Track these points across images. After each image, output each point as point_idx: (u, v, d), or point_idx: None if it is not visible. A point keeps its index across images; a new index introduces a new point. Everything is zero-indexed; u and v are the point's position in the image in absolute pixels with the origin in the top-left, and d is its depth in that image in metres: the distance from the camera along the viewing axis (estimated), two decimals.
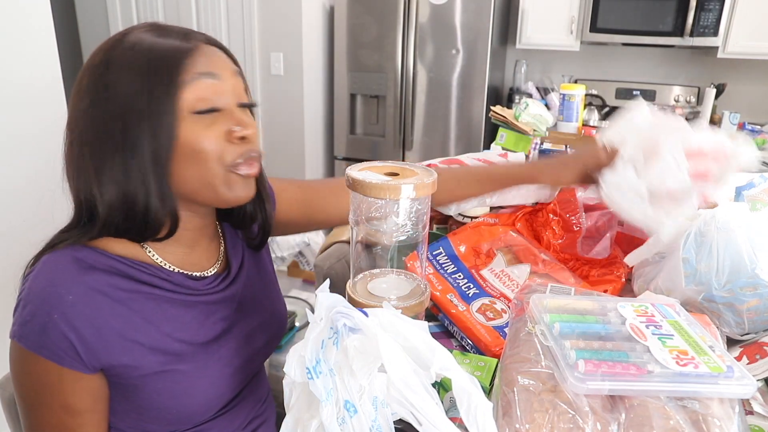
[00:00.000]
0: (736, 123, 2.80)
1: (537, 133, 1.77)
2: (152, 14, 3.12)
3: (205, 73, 0.64)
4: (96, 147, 0.63)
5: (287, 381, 0.58)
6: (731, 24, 2.76)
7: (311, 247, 2.80)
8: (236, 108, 0.67)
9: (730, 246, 0.79)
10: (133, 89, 0.61)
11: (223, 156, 0.65)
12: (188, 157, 0.64)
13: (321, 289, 0.60)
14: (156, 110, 0.61)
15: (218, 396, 0.74)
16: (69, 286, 0.62)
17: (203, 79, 0.64)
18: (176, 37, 0.65)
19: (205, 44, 0.67)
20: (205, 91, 0.64)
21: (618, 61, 3.35)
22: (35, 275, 0.64)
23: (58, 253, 0.65)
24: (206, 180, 0.66)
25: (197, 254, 0.76)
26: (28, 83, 1.61)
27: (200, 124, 0.64)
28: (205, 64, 0.64)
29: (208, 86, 0.64)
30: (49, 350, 0.61)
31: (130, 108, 0.62)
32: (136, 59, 0.62)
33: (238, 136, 0.65)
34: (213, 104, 0.64)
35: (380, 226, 0.72)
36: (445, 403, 0.67)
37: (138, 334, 0.66)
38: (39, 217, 0.69)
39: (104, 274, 0.65)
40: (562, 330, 0.62)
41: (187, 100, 0.63)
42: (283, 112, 3.09)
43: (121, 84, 0.62)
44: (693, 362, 0.57)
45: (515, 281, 0.97)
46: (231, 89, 0.67)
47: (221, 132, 0.65)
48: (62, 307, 0.61)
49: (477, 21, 2.82)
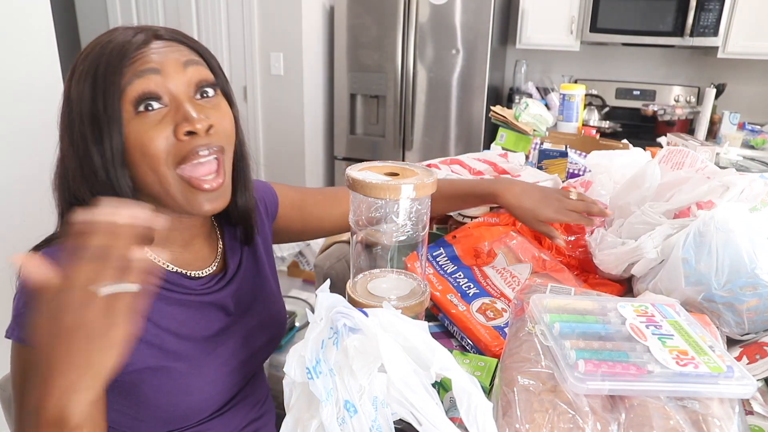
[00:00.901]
0: (736, 123, 2.80)
1: (537, 133, 1.77)
2: (152, 14, 3.12)
3: (144, 70, 0.62)
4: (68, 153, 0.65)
5: (287, 381, 0.58)
6: (731, 24, 2.76)
7: (311, 247, 2.80)
8: (187, 102, 0.64)
9: (730, 246, 0.79)
10: (86, 96, 0.62)
11: (170, 156, 0.63)
12: (140, 160, 0.63)
13: (321, 289, 0.60)
14: (102, 114, 0.61)
15: (216, 395, 0.73)
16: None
17: (144, 76, 0.62)
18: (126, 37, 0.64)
19: (155, 40, 0.65)
20: (145, 88, 0.62)
21: (618, 61, 3.35)
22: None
23: (54, 248, 0.66)
24: (163, 187, 0.65)
25: (191, 254, 0.76)
26: (28, 83, 1.61)
27: (146, 123, 0.63)
28: (146, 61, 0.63)
29: (149, 82, 0.62)
30: None
31: (81, 115, 0.62)
32: (88, 66, 0.63)
33: (186, 130, 0.63)
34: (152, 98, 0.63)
35: (380, 226, 0.72)
36: (445, 403, 0.67)
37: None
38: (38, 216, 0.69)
39: None
40: (562, 330, 0.62)
41: (129, 100, 0.62)
42: (283, 112, 3.09)
43: (77, 92, 0.63)
44: (693, 362, 0.57)
45: (517, 278, 0.97)
46: (180, 81, 0.64)
47: (169, 129, 0.63)
48: None
49: (477, 21, 2.82)
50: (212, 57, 0.71)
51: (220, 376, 0.73)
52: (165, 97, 0.63)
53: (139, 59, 0.63)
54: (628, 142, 1.71)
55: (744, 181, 0.90)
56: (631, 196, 1.01)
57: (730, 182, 0.89)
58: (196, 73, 0.66)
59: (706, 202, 0.91)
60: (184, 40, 0.68)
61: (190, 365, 0.70)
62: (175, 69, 0.64)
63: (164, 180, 0.64)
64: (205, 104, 0.66)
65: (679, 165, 1.07)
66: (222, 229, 0.82)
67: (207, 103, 0.67)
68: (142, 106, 0.62)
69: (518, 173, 1.31)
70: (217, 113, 0.67)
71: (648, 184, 0.99)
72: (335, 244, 1.50)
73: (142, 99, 0.62)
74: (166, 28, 0.68)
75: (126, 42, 0.63)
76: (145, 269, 0.47)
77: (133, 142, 0.62)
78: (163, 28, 0.67)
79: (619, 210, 1.04)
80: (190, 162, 0.64)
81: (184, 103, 0.64)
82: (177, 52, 0.66)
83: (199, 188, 0.65)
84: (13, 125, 1.58)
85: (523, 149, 1.74)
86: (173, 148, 0.63)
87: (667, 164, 1.08)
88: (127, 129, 0.62)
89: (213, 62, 0.70)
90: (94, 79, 0.62)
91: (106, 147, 0.62)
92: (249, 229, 0.81)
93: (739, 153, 2.52)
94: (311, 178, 3.21)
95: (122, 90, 0.61)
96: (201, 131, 0.63)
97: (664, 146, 1.59)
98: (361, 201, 0.71)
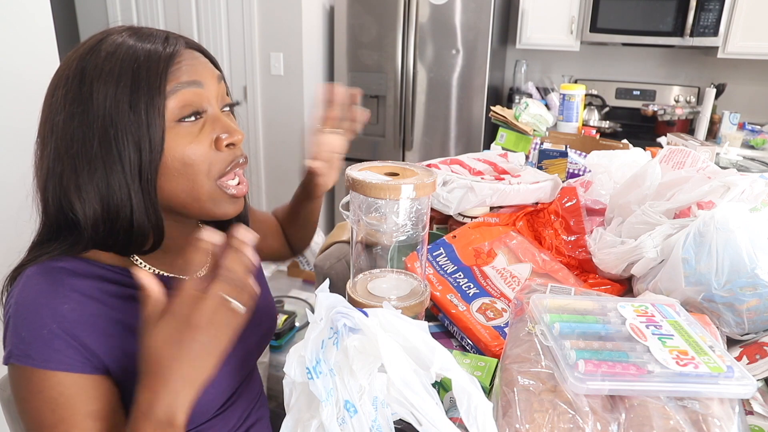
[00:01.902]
0: (736, 123, 2.80)
1: (537, 133, 1.77)
2: (152, 14, 3.12)
3: (189, 82, 0.63)
4: (76, 161, 0.60)
5: (287, 381, 0.58)
6: (731, 24, 2.76)
7: (311, 247, 2.80)
8: (221, 114, 0.67)
9: (730, 246, 0.79)
10: (114, 101, 0.59)
11: (212, 167, 0.64)
12: (176, 170, 0.63)
13: (321, 289, 0.60)
14: (139, 122, 0.59)
15: (216, 396, 0.73)
16: (61, 294, 0.60)
17: (188, 88, 0.62)
18: (155, 42, 0.62)
19: (185, 49, 0.65)
20: (189, 100, 0.63)
21: (618, 61, 3.35)
22: (21, 290, 0.61)
23: (43, 265, 0.62)
24: (194, 194, 0.65)
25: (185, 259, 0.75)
26: (28, 83, 1.61)
27: (187, 134, 0.63)
28: (188, 72, 0.63)
29: (192, 94, 0.63)
30: (58, 361, 0.59)
31: (111, 120, 0.59)
32: (114, 68, 0.59)
33: (227, 143, 0.65)
34: (198, 111, 0.64)
35: (380, 226, 0.72)
36: (445, 403, 0.67)
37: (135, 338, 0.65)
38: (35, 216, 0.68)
39: (95, 281, 0.64)
40: (562, 330, 0.62)
41: (171, 109, 0.61)
42: (283, 112, 3.09)
43: (100, 95, 0.59)
44: (693, 362, 0.57)
45: (517, 278, 0.97)
46: (215, 95, 0.66)
47: (209, 140, 0.64)
48: (60, 316, 0.59)
49: (477, 21, 2.82)
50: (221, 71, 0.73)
51: (221, 376, 0.73)
52: (205, 109, 0.65)
53: (182, 69, 0.63)
54: (628, 142, 1.71)
55: (745, 181, 0.90)
56: (632, 194, 1.01)
57: (731, 182, 0.89)
58: (223, 87, 0.69)
59: (707, 202, 0.91)
60: (208, 53, 0.70)
61: None
62: (212, 82, 0.66)
63: (199, 189, 0.65)
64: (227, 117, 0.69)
65: (679, 165, 1.07)
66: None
67: (227, 116, 0.69)
68: (186, 117, 0.63)
69: (518, 173, 1.31)
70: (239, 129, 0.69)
71: (649, 183, 0.99)
72: (335, 244, 1.50)
73: (186, 110, 0.62)
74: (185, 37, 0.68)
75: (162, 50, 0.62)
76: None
77: (175, 152, 0.62)
78: (182, 37, 0.67)
79: (619, 209, 1.04)
80: (233, 171, 0.67)
81: (221, 115, 0.66)
82: (207, 65, 0.68)
83: (233, 195, 0.68)
84: (14, 125, 1.58)
85: (523, 149, 1.74)
86: (215, 159, 0.65)
87: (667, 164, 1.08)
88: (168, 137, 0.62)
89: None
90: (132, 83, 0.59)
91: (144, 155, 0.60)
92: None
93: (739, 153, 2.53)
94: None
95: (163, 98, 0.60)
96: (239, 143, 0.66)
97: (664, 146, 1.59)
98: (361, 201, 0.71)
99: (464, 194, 1.14)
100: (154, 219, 0.64)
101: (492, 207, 1.21)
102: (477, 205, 1.16)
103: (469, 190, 1.14)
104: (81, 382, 0.60)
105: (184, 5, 3.05)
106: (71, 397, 0.59)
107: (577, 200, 1.13)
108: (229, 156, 0.66)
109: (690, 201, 0.92)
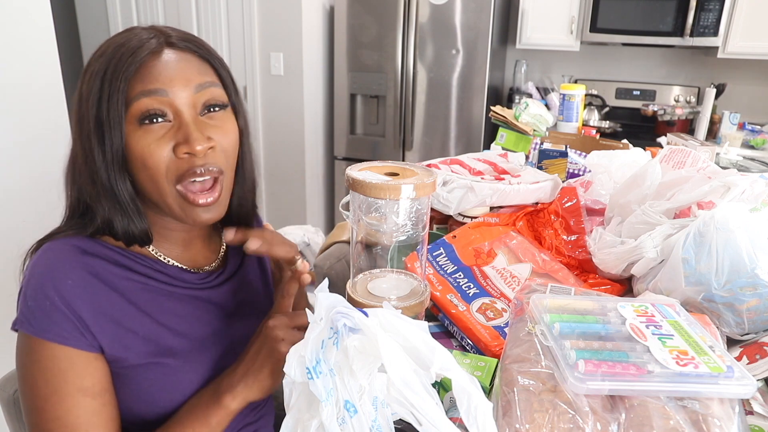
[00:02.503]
0: (736, 123, 2.80)
1: (537, 133, 1.77)
2: (152, 14, 3.12)
3: (152, 90, 0.63)
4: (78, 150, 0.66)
5: (287, 381, 0.58)
6: (731, 24, 2.76)
7: (311, 247, 2.80)
8: (192, 120, 0.65)
9: (730, 246, 0.79)
10: (94, 97, 0.63)
11: (169, 173, 0.65)
12: (141, 170, 0.65)
13: (321, 288, 0.60)
14: (108, 119, 0.62)
15: None
16: (68, 270, 0.64)
17: (152, 96, 0.63)
18: (140, 41, 0.64)
19: (167, 47, 0.65)
20: (150, 106, 0.63)
21: (618, 61, 3.35)
22: (35, 262, 0.65)
23: (58, 241, 0.67)
24: (161, 196, 0.66)
25: (192, 253, 0.77)
26: (28, 83, 1.61)
27: (149, 137, 0.64)
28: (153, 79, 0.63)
29: (155, 102, 0.63)
30: (54, 333, 0.62)
31: (92, 115, 0.63)
32: (100, 66, 0.63)
33: (184, 151, 0.64)
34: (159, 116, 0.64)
35: (380, 226, 0.72)
36: (445, 403, 0.67)
37: (133, 322, 0.66)
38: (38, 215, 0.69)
39: (102, 261, 0.67)
40: (562, 330, 0.62)
41: (132, 112, 0.63)
42: (283, 112, 3.09)
43: (87, 90, 0.63)
44: (693, 362, 0.57)
45: (517, 278, 0.97)
46: (186, 101, 0.65)
47: (170, 145, 0.64)
48: (62, 290, 0.62)
49: (477, 21, 2.82)
50: (223, 67, 0.70)
51: (216, 376, 0.73)
52: (170, 113, 0.64)
53: (148, 74, 0.63)
54: (628, 142, 1.71)
55: (745, 181, 0.90)
56: (632, 194, 1.01)
57: (732, 183, 0.89)
58: (206, 94, 0.67)
59: (707, 202, 0.91)
60: (197, 50, 0.68)
61: (186, 361, 0.70)
62: (183, 88, 0.64)
63: (163, 192, 0.66)
64: (209, 121, 0.67)
65: (680, 164, 1.07)
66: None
67: (212, 120, 0.67)
68: (146, 120, 0.63)
69: (518, 173, 1.31)
70: (219, 132, 0.67)
71: (649, 182, 0.99)
72: (335, 244, 1.50)
73: (147, 115, 0.63)
74: (179, 33, 0.67)
75: (136, 49, 0.63)
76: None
77: (135, 152, 0.64)
78: (175, 34, 0.67)
79: (619, 208, 1.04)
80: (187, 180, 0.65)
81: (187, 122, 0.64)
82: (189, 69, 0.66)
83: (194, 203, 0.67)
84: (14, 125, 1.58)
85: (523, 149, 1.74)
86: (173, 164, 0.65)
87: (668, 163, 1.08)
88: (130, 139, 0.63)
89: (224, 73, 0.70)
90: (102, 82, 0.62)
91: (107, 149, 0.63)
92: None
93: (739, 153, 2.53)
94: (311, 179, 3.21)
95: (128, 102, 0.62)
96: (200, 153, 0.64)
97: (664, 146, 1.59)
98: (361, 201, 0.71)
99: (464, 194, 1.14)
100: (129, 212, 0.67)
101: (492, 207, 1.21)
102: (477, 205, 1.16)
103: (469, 190, 1.14)
104: (75, 357, 0.63)
105: (184, 5, 3.04)
106: (64, 370, 0.62)
107: (577, 200, 1.13)
108: (185, 163, 0.65)
109: (690, 201, 0.92)
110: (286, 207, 3.24)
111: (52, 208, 0.74)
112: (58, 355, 0.62)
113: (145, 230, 0.69)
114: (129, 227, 0.67)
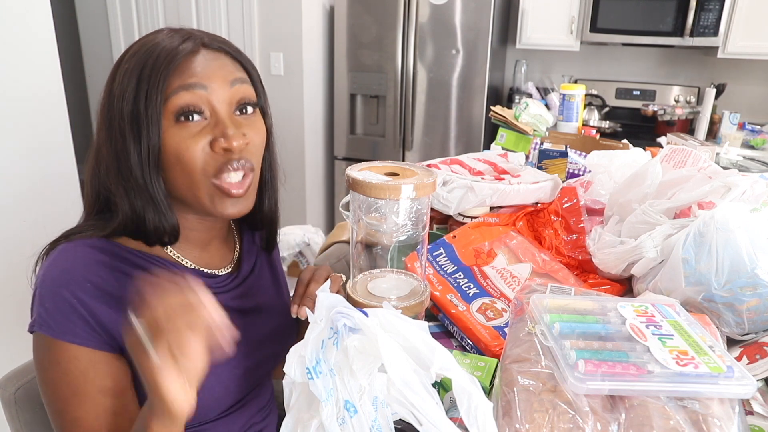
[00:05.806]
0: (736, 123, 2.80)
1: (537, 133, 1.77)
2: (152, 14, 3.12)
3: (192, 84, 0.64)
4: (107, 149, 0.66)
5: (287, 381, 0.58)
6: (731, 24, 2.75)
7: (311, 247, 2.80)
8: (228, 117, 0.67)
9: (730, 246, 0.79)
10: (129, 95, 0.63)
11: (207, 167, 0.66)
12: (175, 166, 0.65)
13: (321, 289, 0.60)
14: (146, 117, 0.63)
15: (223, 396, 0.73)
16: (86, 272, 0.64)
17: (191, 90, 0.64)
18: (175, 41, 0.65)
19: (203, 49, 0.67)
20: (189, 102, 0.64)
21: (618, 61, 3.35)
22: (51, 263, 0.65)
23: (75, 243, 0.67)
24: (193, 191, 0.67)
25: (210, 254, 0.78)
26: (28, 83, 1.61)
27: (185, 133, 0.65)
28: (192, 74, 0.64)
29: (194, 96, 0.64)
30: (74, 334, 0.62)
31: (126, 113, 0.63)
32: (134, 64, 0.64)
33: (222, 147, 0.65)
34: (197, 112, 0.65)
35: (380, 226, 0.72)
36: (445, 403, 0.67)
37: None
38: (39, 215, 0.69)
39: (120, 262, 0.67)
40: (562, 330, 0.62)
41: (170, 109, 0.64)
42: (283, 112, 3.09)
43: (120, 89, 0.64)
44: (693, 362, 0.57)
45: (517, 278, 0.97)
46: (223, 98, 0.66)
47: (206, 141, 0.65)
48: (80, 292, 0.63)
49: (477, 21, 2.82)
50: (253, 68, 0.72)
51: (231, 378, 0.73)
52: (207, 110, 0.66)
53: (186, 69, 0.64)
54: (628, 142, 1.71)
55: (746, 182, 0.90)
56: (633, 193, 1.00)
57: (732, 183, 0.89)
58: (240, 91, 0.68)
59: (707, 202, 0.91)
60: (230, 51, 0.70)
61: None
62: (220, 85, 0.66)
63: (196, 185, 0.67)
64: (243, 120, 0.69)
65: (681, 164, 1.07)
66: (240, 233, 0.85)
67: (245, 119, 0.69)
68: (183, 116, 0.64)
69: (518, 173, 1.31)
70: (252, 130, 0.69)
71: (649, 181, 0.98)
72: (335, 244, 1.50)
73: (185, 111, 0.64)
74: (210, 35, 0.69)
75: (173, 48, 0.64)
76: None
77: (171, 148, 0.65)
78: (207, 36, 0.68)
79: (619, 207, 1.04)
80: (224, 173, 0.67)
81: (224, 118, 0.66)
82: (224, 67, 0.68)
83: (228, 194, 0.68)
84: (14, 125, 1.58)
85: (523, 149, 1.74)
86: (210, 159, 0.66)
87: (669, 163, 1.08)
88: (166, 135, 0.64)
89: (255, 75, 0.72)
90: (138, 79, 0.63)
91: (143, 147, 0.64)
92: (272, 234, 0.84)
93: (739, 153, 2.53)
94: (311, 178, 3.21)
95: (166, 98, 0.63)
96: (236, 149, 0.66)
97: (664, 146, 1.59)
98: (361, 201, 0.71)
99: (464, 194, 1.14)
100: (162, 208, 0.67)
101: (492, 207, 1.21)
102: (477, 205, 1.16)
103: (469, 190, 1.14)
104: (94, 358, 0.63)
105: (184, 5, 3.04)
106: (85, 371, 0.63)
107: (577, 200, 1.12)
108: (221, 158, 0.66)
109: (690, 201, 0.92)
110: (286, 207, 3.21)
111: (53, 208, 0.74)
112: (79, 356, 0.63)
113: (175, 225, 0.69)
114: (161, 222, 0.68)
